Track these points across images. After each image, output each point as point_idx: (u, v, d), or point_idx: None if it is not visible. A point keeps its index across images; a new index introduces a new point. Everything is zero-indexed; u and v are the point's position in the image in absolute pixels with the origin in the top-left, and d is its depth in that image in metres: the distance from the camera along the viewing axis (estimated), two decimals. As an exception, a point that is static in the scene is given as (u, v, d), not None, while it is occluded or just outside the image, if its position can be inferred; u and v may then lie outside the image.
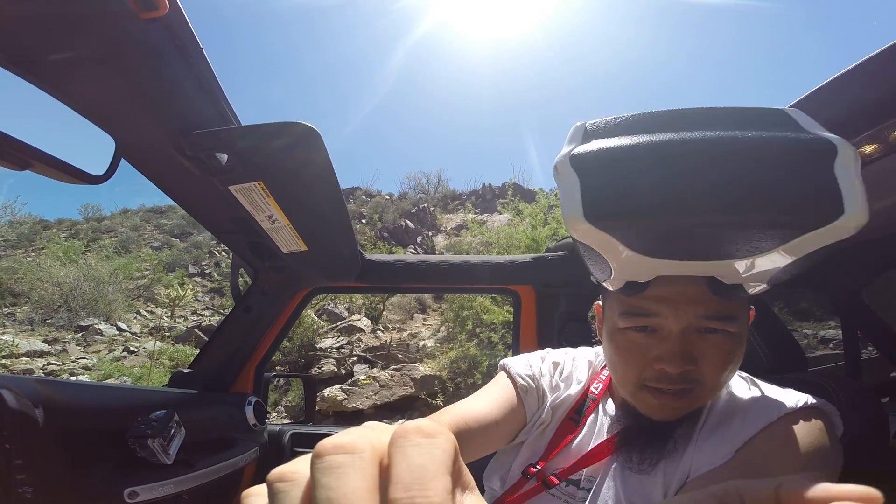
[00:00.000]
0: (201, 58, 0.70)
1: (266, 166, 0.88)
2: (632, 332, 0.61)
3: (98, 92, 0.70)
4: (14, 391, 0.61)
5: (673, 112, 0.53)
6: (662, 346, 0.59)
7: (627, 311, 0.61)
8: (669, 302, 0.58)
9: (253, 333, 1.43)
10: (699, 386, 0.58)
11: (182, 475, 0.90)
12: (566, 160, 0.51)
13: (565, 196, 0.51)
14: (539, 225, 6.45)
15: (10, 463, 0.57)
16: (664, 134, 0.50)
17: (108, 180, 0.72)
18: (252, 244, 1.23)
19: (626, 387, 0.64)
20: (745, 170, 0.46)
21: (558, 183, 0.53)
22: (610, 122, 0.54)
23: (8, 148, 0.63)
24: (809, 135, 0.48)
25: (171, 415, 0.89)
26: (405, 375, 5.70)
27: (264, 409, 1.41)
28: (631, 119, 0.54)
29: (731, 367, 0.59)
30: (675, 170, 0.48)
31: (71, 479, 0.70)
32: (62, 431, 0.69)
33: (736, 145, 0.47)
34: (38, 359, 6.31)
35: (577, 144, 0.53)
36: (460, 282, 1.49)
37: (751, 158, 0.47)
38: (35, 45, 0.60)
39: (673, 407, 0.60)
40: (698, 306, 0.57)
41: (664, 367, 0.58)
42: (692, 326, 0.58)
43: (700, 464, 0.59)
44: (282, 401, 5.80)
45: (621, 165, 0.49)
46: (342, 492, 0.16)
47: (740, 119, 0.51)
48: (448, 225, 13.82)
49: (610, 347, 0.65)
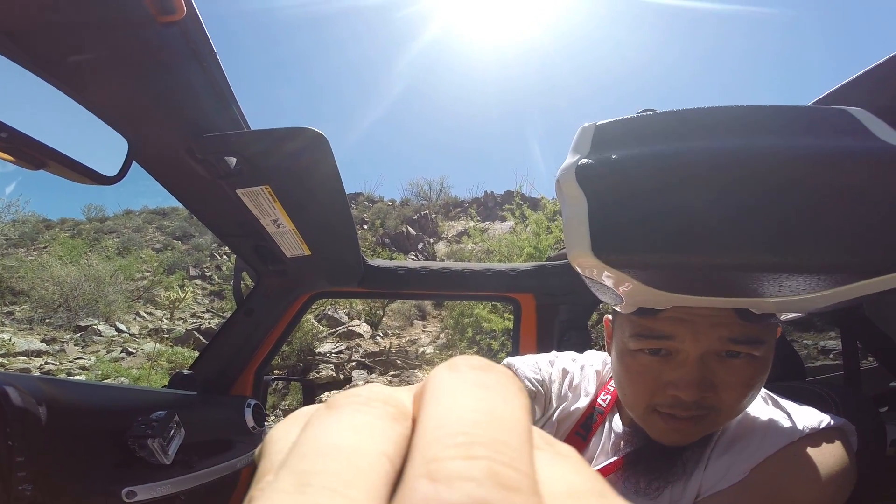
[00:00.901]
0: (215, 62, 0.72)
1: (274, 171, 0.90)
2: (643, 355, 0.55)
3: (114, 94, 0.71)
4: (19, 389, 0.61)
5: (705, 111, 0.42)
6: (677, 371, 0.53)
7: (640, 333, 0.54)
8: (688, 325, 0.51)
9: (254, 336, 1.43)
10: (715, 412, 0.53)
11: (180, 476, 0.90)
12: (570, 174, 0.42)
13: (570, 221, 0.42)
14: (542, 233, 6.45)
15: (12, 460, 0.58)
16: (696, 142, 0.40)
17: (119, 181, 0.73)
18: (256, 248, 1.24)
19: (634, 410, 0.59)
20: (804, 194, 0.35)
21: (560, 201, 0.45)
22: (626, 123, 0.44)
23: (25, 147, 0.64)
24: (888, 145, 0.37)
25: (171, 415, 0.89)
26: (404, 382, 5.68)
27: (263, 413, 1.41)
28: (653, 121, 0.43)
29: (752, 394, 0.53)
30: (711, 193, 0.37)
31: (70, 478, 0.70)
32: (63, 430, 0.69)
33: (792, 161, 0.36)
34: (35, 358, 6.29)
35: (585, 154, 0.43)
36: (461, 289, 1.50)
37: (812, 179, 0.35)
38: (56, 47, 0.61)
39: (683, 432, 0.55)
40: (722, 329, 0.50)
41: (677, 394, 0.52)
42: (712, 350, 0.51)
43: (710, 484, 0.56)
44: (280, 404, 5.77)
45: (641, 184, 0.39)
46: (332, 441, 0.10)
47: (792, 122, 0.40)
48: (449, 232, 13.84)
49: (619, 368, 0.59)
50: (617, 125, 0.44)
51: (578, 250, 0.40)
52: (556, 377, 0.73)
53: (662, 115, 0.43)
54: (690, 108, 0.43)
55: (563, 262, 1.48)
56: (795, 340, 6.01)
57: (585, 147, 0.44)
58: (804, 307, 0.47)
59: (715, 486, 0.55)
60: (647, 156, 0.40)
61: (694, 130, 0.41)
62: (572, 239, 0.41)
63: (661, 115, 0.44)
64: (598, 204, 0.40)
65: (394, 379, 5.73)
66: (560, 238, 6.13)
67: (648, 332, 0.53)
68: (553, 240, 6.18)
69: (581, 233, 0.40)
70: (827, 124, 0.40)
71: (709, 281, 0.41)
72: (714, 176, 0.38)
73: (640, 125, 0.43)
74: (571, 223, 0.41)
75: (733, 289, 0.42)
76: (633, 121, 0.44)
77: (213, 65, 0.71)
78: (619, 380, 0.60)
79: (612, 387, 0.71)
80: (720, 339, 0.50)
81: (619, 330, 0.59)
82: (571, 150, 0.45)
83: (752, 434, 0.57)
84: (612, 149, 0.42)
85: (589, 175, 0.41)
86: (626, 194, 0.40)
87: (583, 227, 0.40)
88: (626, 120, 0.44)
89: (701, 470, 0.57)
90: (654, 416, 0.56)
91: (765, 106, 0.41)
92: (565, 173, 0.43)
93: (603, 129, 0.44)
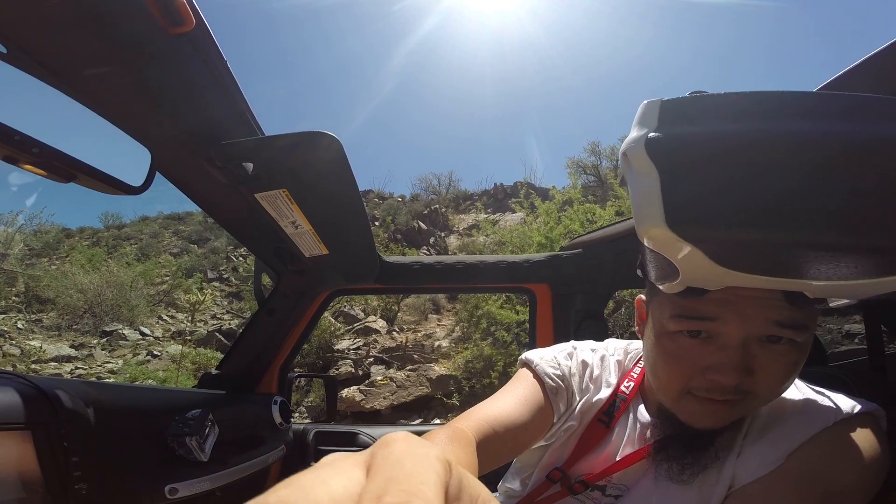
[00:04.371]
0: (226, 70, 0.73)
1: (290, 174, 0.92)
2: (682, 337, 0.54)
3: (133, 106, 0.73)
4: (69, 392, 0.65)
5: (777, 95, 0.42)
6: (717, 354, 0.51)
7: (681, 314, 0.53)
8: (734, 306, 0.50)
9: (276, 335, 1.47)
10: (751, 397, 0.53)
11: (216, 472, 0.94)
12: (640, 146, 0.42)
13: (640, 193, 0.42)
14: (553, 223, 6.41)
15: (68, 460, 0.61)
16: (772, 123, 0.40)
17: (146, 190, 0.76)
18: (275, 249, 1.27)
19: (667, 393, 0.58)
20: (878, 179, 0.36)
21: (628, 175, 0.44)
22: (694, 101, 0.44)
23: (56, 162, 0.67)
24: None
25: (206, 414, 0.93)
26: (421, 375, 5.74)
27: (289, 409, 1.45)
28: (725, 99, 0.42)
29: (790, 380, 0.53)
30: (790, 172, 0.38)
31: (118, 476, 0.74)
32: (109, 430, 0.73)
33: (870, 146, 0.37)
34: (65, 363, 6.51)
35: (653, 128, 0.43)
36: (476, 281, 1.51)
37: (886, 164, 0.36)
38: (71, 61, 0.63)
39: (718, 415, 0.54)
40: (770, 312, 0.49)
41: (717, 378, 0.51)
42: (756, 334, 0.50)
43: (745, 472, 0.55)
44: (303, 401, 5.88)
45: (718, 160, 0.40)
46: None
47: (866, 109, 0.40)
48: (460, 225, 13.83)
49: (653, 351, 0.58)
50: (683, 102, 0.44)
51: (651, 223, 0.40)
52: (576, 370, 0.72)
53: (734, 95, 0.43)
54: (762, 91, 0.43)
55: (577, 252, 1.49)
56: (819, 325, 5.89)
57: (652, 121, 0.43)
58: (858, 293, 0.47)
59: (751, 475, 0.55)
60: (725, 133, 0.40)
61: (770, 112, 0.41)
62: (644, 211, 0.41)
63: (733, 95, 0.43)
64: (670, 177, 0.40)
65: (411, 373, 5.79)
66: (571, 228, 6.10)
67: (692, 312, 0.52)
68: (564, 229, 6.14)
69: (654, 205, 0.40)
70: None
71: (776, 259, 0.42)
72: (793, 157, 0.38)
73: (709, 103, 0.43)
74: (642, 196, 0.41)
75: (797, 270, 0.42)
76: (701, 99, 0.43)
77: (224, 72, 0.73)
78: (653, 362, 0.58)
79: (636, 374, 0.70)
80: (766, 321, 0.49)
81: (658, 310, 0.57)
82: (637, 124, 0.44)
83: (785, 420, 0.56)
84: (681, 124, 0.42)
85: (661, 147, 0.41)
86: (701, 169, 0.40)
87: (655, 199, 0.40)
88: (694, 98, 0.44)
89: (734, 457, 0.57)
90: (689, 399, 0.55)
91: (840, 94, 0.42)
92: (634, 146, 0.42)
93: (669, 105, 0.43)
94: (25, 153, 0.64)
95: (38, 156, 0.66)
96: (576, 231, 5.90)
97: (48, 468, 0.61)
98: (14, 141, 0.62)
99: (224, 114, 0.80)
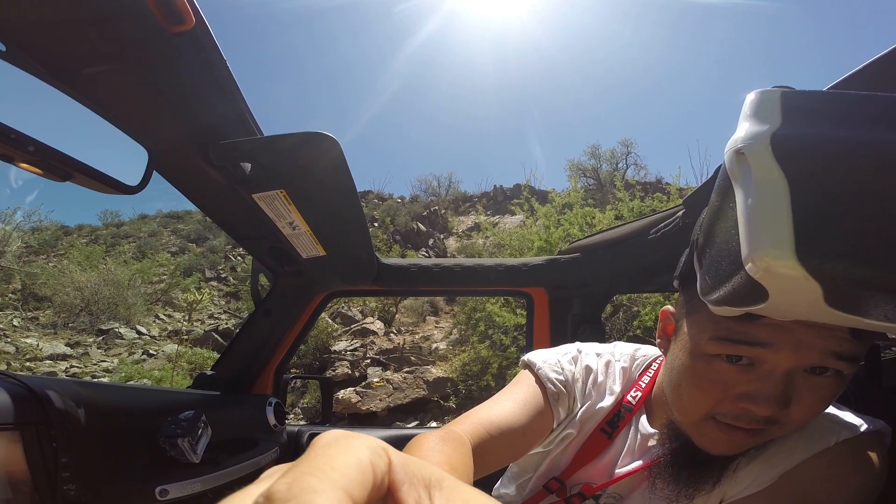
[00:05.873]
0: (225, 69, 0.73)
1: (288, 175, 0.91)
2: (720, 361, 0.48)
3: (131, 104, 0.73)
4: (59, 392, 0.64)
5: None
6: (757, 384, 0.47)
7: (726, 337, 0.47)
8: (791, 334, 0.44)
9: (272, 336, 1.46)
10: (777, 427, 0.49)
11: (208, 474, 0.93)
12: (763, 147, 0.32)
13: (756, 208, 0.31)
14: (552, 226, 6.41)
15: (57, 461, 0.61)
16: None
17: (142, 190, 0.76)
18: (272, 249, 1.27)
19: (687, 416, 0.54)
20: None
21: (735, 179, 0.34)
22: (832, 98, 0.33)
23: (52, 160, 0.66)
24: None
25: (199, 415, 0.92)
26: (418, 378, 5.72)
27: (284, 411, 1.44)
28: (870, 100, 0.32)
29: (822, 412, 0.50)
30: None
31: (108, 477, 0.73)
32: (100, 431, 0.72)
33: None
34: (60, 362, 6.48)
35: (776, 124, 0.33)
36: (474, 284, 1.51)
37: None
38: (70, 58, 0.63)
39: (737, 443, 0.51)
40: (829, 343, 0.43)
41: (750, 408, 0.47)
42: (806, 364, 0.45)
43: (736, 488, 0.54)
44: (298, 403, 5.86)
45: (873, 174, 0.29)
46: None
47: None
48: (459, 227, 13.84)
49: (682, 371, 0.53)
50: (816, 96, 0.34)
51: (770, 251, 0.30)
52: (579, 375, 0.70)
53: (879, 97, 0.33)
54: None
55: (575, 256, 1.48)
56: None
57: (772, 116, 0.33)
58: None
59: (741, 492, 0.53)
60: (883, 142, 0.30)
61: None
62: (758, 233, 0.31)
63: (877, 96, 0.33)
64: (804, 191, 0.30)
65: (408, 376, 5.78)
66: (570, 232, 6.09)
67: (741, 336, 0.46)
68: (563, 233, 6.14)
69: (776, 226, 0.30)
70: None
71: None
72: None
73: (850, 101, 0.33)
74: (760, 211, 0.31)
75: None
76: (843, 96, 0.33)
77: (223, 72, 0.73)
78: (679, 382, 0.53)
79: (644, 384, 0.68)
80: (822, 352, 0.44)
81: (696, 329, 0.51)
82: (749, 117, 0.34)
83: (786, 438, 0.53)
84: (816, 123, 0.32)
85: (793, 150, 0.31)
86: (852, 186, 0.29)
87: (780, 218, 0.30)
88: (832, 93, 0.34)
89: (730, 472, 0.56)
90: (710, 424, 0.51)
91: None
92: (754, 144, 0.32)
93: (794, 97, 0.34)
94: (21, 151, 0.63)
95: (33, 154, 0.66)
96: (574, 235, 5.90)
97: (37, 468, 0.60)
98: (10, 139, 0.62)
99: (223, 113, 0.80)
